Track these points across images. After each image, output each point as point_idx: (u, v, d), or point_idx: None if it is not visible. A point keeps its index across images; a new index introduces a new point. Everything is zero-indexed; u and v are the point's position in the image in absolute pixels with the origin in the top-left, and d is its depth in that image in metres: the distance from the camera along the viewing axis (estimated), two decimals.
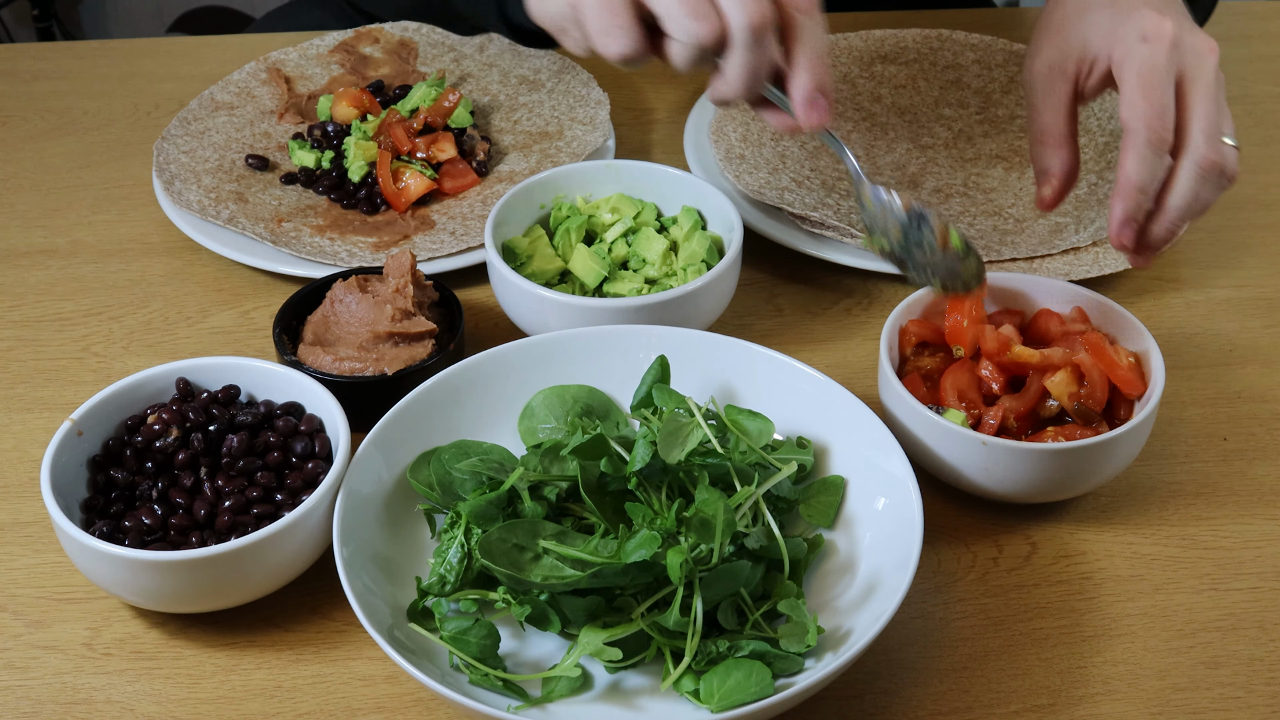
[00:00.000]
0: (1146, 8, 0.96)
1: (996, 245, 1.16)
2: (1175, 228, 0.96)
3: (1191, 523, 0.97)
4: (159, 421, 0.93)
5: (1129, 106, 0.93)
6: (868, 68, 1.40)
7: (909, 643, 0.89)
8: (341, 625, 0.90)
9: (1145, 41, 0.94)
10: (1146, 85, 0.93)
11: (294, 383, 0.97)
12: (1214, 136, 0.93)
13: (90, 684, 0.87)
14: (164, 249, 1.22)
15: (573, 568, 0.83)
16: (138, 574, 0.85)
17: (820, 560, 0.91)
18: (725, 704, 0.80)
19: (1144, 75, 0.93)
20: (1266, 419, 1.05)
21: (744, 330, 1.12)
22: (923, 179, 1.25)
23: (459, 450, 0.92)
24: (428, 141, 1.25)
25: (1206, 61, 0.95)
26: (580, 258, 1.09)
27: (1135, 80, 0.94)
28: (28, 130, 1.38)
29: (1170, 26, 0.94)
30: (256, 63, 1.40)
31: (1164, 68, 0.93)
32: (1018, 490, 0.93)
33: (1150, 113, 0.92)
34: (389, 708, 0.86)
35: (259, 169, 1.27)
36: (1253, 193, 1.27)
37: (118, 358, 1.11)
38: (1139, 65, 0.94)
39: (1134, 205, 0.94)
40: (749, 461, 0.90)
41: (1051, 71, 0.98)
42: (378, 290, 1.05)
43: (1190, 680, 0.87)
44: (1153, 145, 0.92)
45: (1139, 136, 0.92)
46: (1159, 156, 0.92)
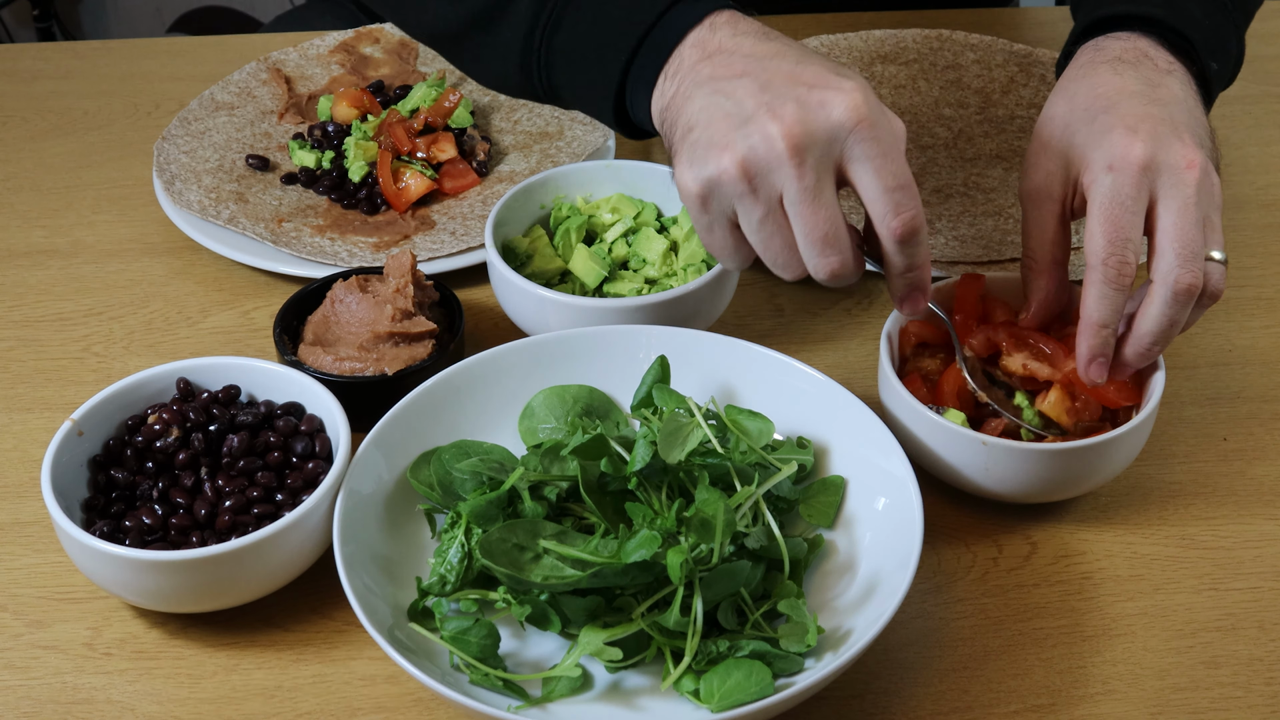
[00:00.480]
0: (1120, 127, 0.91)
1: (997, 245, 1.16)
2: (1150, 351, 0.91)
3: (1191, 523, 0.97)
4: (159, 421, 0.93)
5: (1089, 241, 0.89)
6: (868, 68, 1.40)
7: (909, 643, 0.89)
8: (341, 625, 0.90)
9: (1110, 171, 0.90)
10: (1107, 219, 0.89)
11: (294, 383, 0.97)
12: (1189, 257, 0.88)
13: (90, 684, 0.87)
14: (164, 249, 1.22)
15: (573, 568, 0.83)
16: (138, 574, 0.85)
17: (820, 560, 0.91)
18: (725, 704, 0.80)
19: (1105, 209, 0.89)
20: (1266, 419, 1.05)
21: (744, 330, 1.12)
22: (923, 179, 1.25)
23: (459, 450, 0.92)
24: (428, 142, 1.25)
25: (1184, 179, 0.89)
26: (580, 258, 1.09)
27: (1097, 214, 0.89)
28: (28, 130, 1.38)
29: (1139, 150, 0.89)
30: (257, 63, 1.40)
31: (1130, 196, 0.89)
32: (1018, 490, 0.93)
33: (1107, 249, 0.88)
34: (389, 708, 0.86)
35: (259, 169, 1.27)
36: (1252, 193, 1.27)
37: (118, 358, 1.11)
38: (1101, 198, 0.89)
39: (1099, 343, 0.90)
40: (749, 461, 0.90)
41: (1039, 194, 0.94)
42: (378, 290, 1.05)
43: (1190, 680, 0.87)
44: (1110, 282, 0.88)
45: (1096, 273, 0.89)
46: (1119, 292, 0.88)
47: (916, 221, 0.86)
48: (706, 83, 0.88)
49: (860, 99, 0.84)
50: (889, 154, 0.84)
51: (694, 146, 0.88)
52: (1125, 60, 0.97)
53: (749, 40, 0.89)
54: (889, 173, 0.84)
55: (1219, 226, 0.92)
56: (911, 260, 0.88)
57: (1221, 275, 0.91)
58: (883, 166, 0.84)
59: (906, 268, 0.88)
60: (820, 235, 0.86)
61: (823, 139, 0.84)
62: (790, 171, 0.84)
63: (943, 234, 1.18)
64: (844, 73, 0.87)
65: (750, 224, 0.88)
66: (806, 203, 0.85)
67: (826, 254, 0.86)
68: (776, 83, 0.86)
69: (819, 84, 0.85)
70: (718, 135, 0.86)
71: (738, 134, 0.85)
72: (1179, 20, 0.98)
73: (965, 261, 1.14)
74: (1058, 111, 0.96)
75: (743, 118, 0.85)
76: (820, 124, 0.84)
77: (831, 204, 0.86)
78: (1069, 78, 0.98)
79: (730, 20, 0.91)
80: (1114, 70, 0.96)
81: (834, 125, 0.84)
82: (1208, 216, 0.91)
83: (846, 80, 0.85)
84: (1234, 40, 1.04)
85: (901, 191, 0.85)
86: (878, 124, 0.84)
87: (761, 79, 0.86)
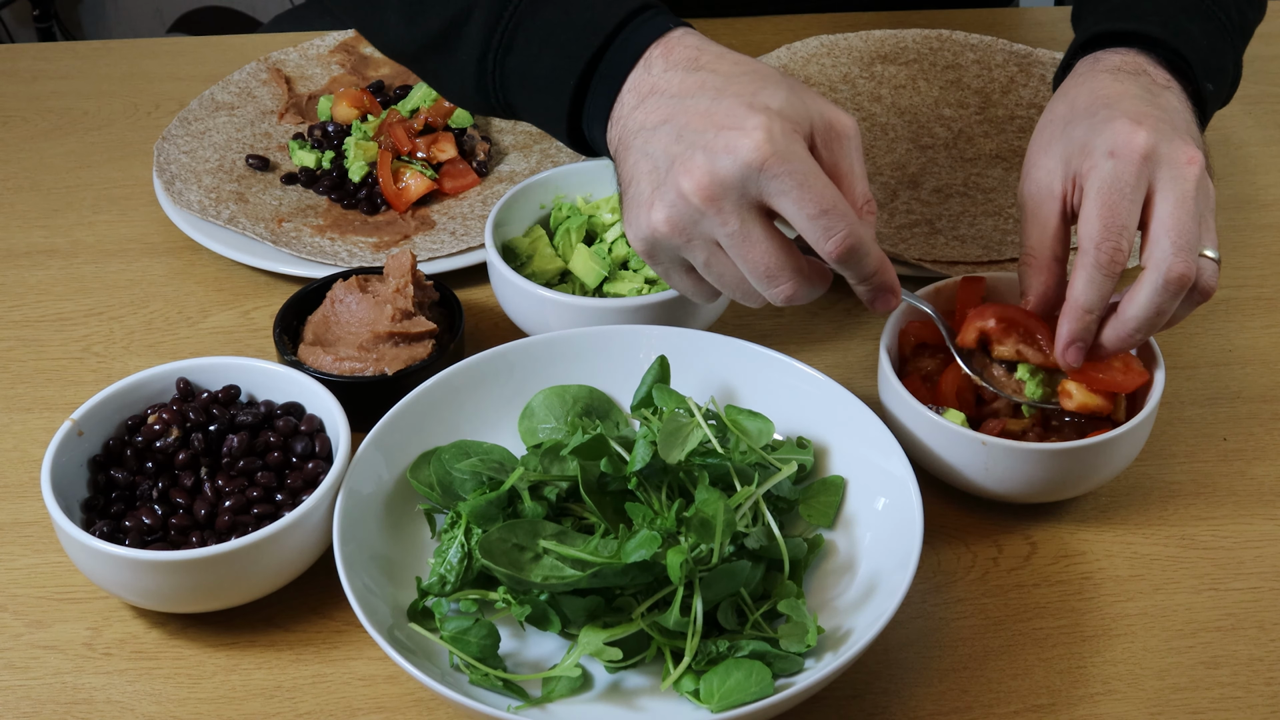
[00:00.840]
0: (1123, 117, 0.91)
1: (997, 245, 1.16)
2: (1130, 338, 0.91)
3: (1191, 523, 0.97)
4: (159, 421, 0.93)
5: (1084, 225, 0.90)
6: (868, 68, 1.40)
7: (909, 643, 0.89)
8: (341, 625, 0.90)
9: (1112, 157, 0.90)
10: (1104, 204, 0.89)
11: (294, 383, 0.97)
12: (1184, 248, 0.88)
13: (90, 684, 0.87)
14: (164, 249, 1.22)
15: (573, 568, 0.83)
16: (138, 574, 0.85)
17: (820, 560, 0.91)
18: (725, 704, 0.80)
19: (1103, 193, 0.89)
20: (1266, 419, 1.05)
21: (744, 330, 1.12)
22: (923, 179, 1.25)
23: (459, 450, 0.92)
24: (428, 142, 1.25)
25: (1184, 173, 0.89)
26: (580, 258, 1.09)
27: (1094, 198, 0.89)
28: (28, 130, 1.38)
29: (1143, 138, 0.89)
30: (257, 63, 1.40)
31: (1130, 184, 0.89)
32: (1018, 490, 0.93)
33: (1102, 234, 0.88)
34: (389, 708, 0.86)
35: (259, 169, 1.27)
36: (1253, 193, 1.27)
37: (118, 358, 1.11)
38: (1100, 183, 0.89)
39: (1080, 327, 0.90)
40: (749, 461, 0.90)
41: (1039, 193, 0.94)
42: (378, 290, 1.05)
43: (1190, 680, 0.87)
44: (1101, 267, 0.88)
45: (1088, 257, 0.89)
46: (1108, 278, 0.88)
47: (849, 241, 0.85)
48: (636, 135, 0.89)
49: (762, 137, 0.83)
50: (804, 183, 0.84)
51: (630, 205, 0.89)
52: (1124, 70, 0.97)
53: (677, 76, 0.89)
54: (809, 201, 0.84)
55: (1214, 228, 0.92)
56: (861, 272, 0.88)
57: (1214, 273, 0.91)
58: (801, 197, 0.84)
59: (860, 279, 0.89)
60: (762, 271, 0.86)
61: (734, 184, 0.84)
62: (714, 220, 0.85)
63: (943, 234, 1.18)
64: (758, 101, 0.85)
65: (700, 266, 0.89)
66: (737, 246, 0.86)
67: (775, 285, 0.87)
68: (690, 128, 0.86)
69: (727, 124, 0.84)
70: (644, 194, 0.87)
71: (659, 191, 0.86)
72: (1178, 40, 0.99)
73: (965, 261, 1.14)
74: (1058, 113, 0.96)
75: (661, 173, 0.86)
76: (727, 170, 0.84)
77: (763, 239, 0.85)
78: (1069, 84, 0.98)
79: (665, 52, 0.90)
80: (1114, 78, 0.96)
81: (741, 168, 0.83)
82: (1203, 216, 0.91)
83: (754, 115, 0.84)
84: (1231, 62, 1.04)
85: (826, 216, 0.84)
86: (786, 155, 0.83)
87: (678, 124, 0.86)
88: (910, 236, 1.17)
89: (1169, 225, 0.89)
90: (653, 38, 0.90)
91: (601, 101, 0.92)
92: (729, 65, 0.88)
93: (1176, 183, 0.89)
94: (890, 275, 0.89)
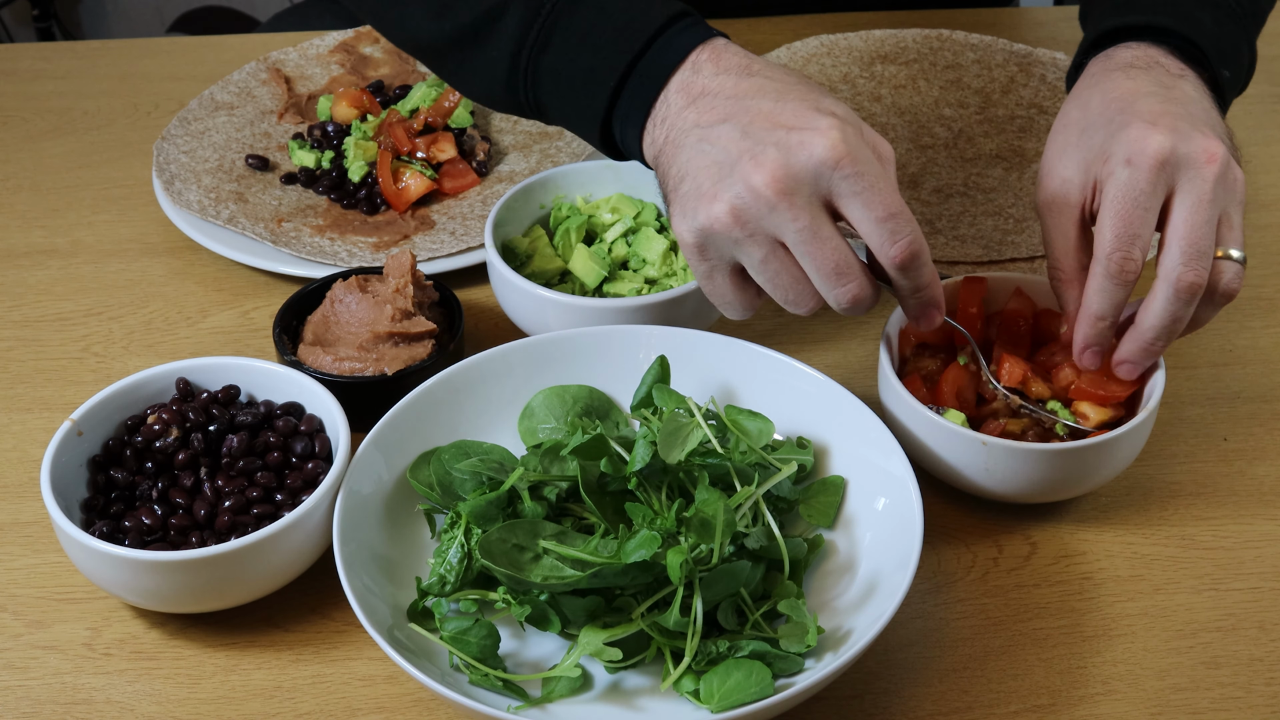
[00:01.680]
0: (1139, 121, 0.91)
1: (997, 245, 1.16)
2: (1152, 346, 0.91)
3: (1191, 523, 0.97)
4: (159, 421, 0.93)
5: (1098, 234, 0.90)
6: (868, 68, 1.40)
7: (909, 643, 0.89)
8: (341, 625, 0.90)
9: (1128, 165, 0.89)
10: (1117, 213, 0.89)
11: (294, 383, 0.97)
12: (1194, 255, 0.88)
13: (90, 684, 0.87)
14: (164, 249, 1.22)
15: (573, 568, 0.83)
16: (138, 574, 0.85)
17: (820, 560, 0.91)
18: (725, 704, 0.80)
19: (1118, 202, 0.89)
20: (1266, 419, 1.05)
21: (744, 330, 1.12)
22: (923, 179, 1.25)
23: (459, 450, 0.92)
24: (428, 141, 1.25)
25: (1203, 173, 0.88)
26: (580, 258, 1.09)
27: (1109, 207, 0.89)
28: (28, 130, 1.38)
29: (1158, 141, 0.89)
30: (256, 63, 1.40)
31: (1145, 191, 0.89)
32: (1018, 490, 0.93)
33: (1113, 243, 0.88)
34: (389, 708, 0.86)
35: (259, 169, 1.27)
36: (1253, 193, 1.27)
37: (118, 358, 1.11)
38: (1115, 191, 0.89)
39: (1094, 333, 0.91)
40: (749, 461, 0.90)
41: (1056, 202, 0.94)
42: (378, 290, 1.05)
43: (1190, 680, 0.87)
44: (1112, 276, 0.88)
45: (1099, 266, 0.89)
46: (1119, 286, 0.89)
47: (915, 246, 0.86)
48: (692, 130, 0.89)
49: (838, 136, 0.84)
50: (875, 185, 0.85)
51: (685, 198, 0.88)
52: (1137, 66, 0.96)
53: (731, 79, 0.89)
54: (878, 204, 0.85)
55: (1238, 224, 0.91)
56: (917, 281, 0.88)
57: (1236, 274, 0.91)
58: (871, 199, 0.85)
59: (914, 289, 0.89)
60: (832, 267, 0.86)
61: (808, 179, 0.85)
62: (785, 214, 0.85)
63: (943, 234, 1.18)
64: (824, 106, 0.87)
65: (753, 265, 0.88)
66: (808, 241, 0.86)
67: (842, 283, 0.87)
68: (757, 126, 0.86)
69: (798, 124, 0.85)
70: (706, 185, 0.87)
71: (724, 183, 0.86)
72: (1189, 29, 0.98)
73: (965, 261, 1.14)
74: (1072, 119, 0.96)
75: (728, 166, 0.86)
76: (802, 165, 0.84)
77: (834, 235, 0.86)
78: (1082, 86, 0.98)
79: (713, 57, 0.91)
80: (1127, 75, 0.96)
81: (816, 165, 0.84)
82: (1226, 213, 0.90)
83: (823, 117, 0.85)
84: (1245, 47, 1.04)
85: (894, 220, 0.85)
86: (859, 158, 0.84)
87: (743, 123, 0.87)
88: None
89: (1181, 233, 0.88)
90: (696, 43, 0.91)
91: (638, 103, 0.92)
92: (781, 73, 0.90)
93: (1194, 185, 0.89)
94: (940, 291, 0.90)
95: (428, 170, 1.23)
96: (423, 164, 1.24)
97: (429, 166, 1.24)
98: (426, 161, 1.24)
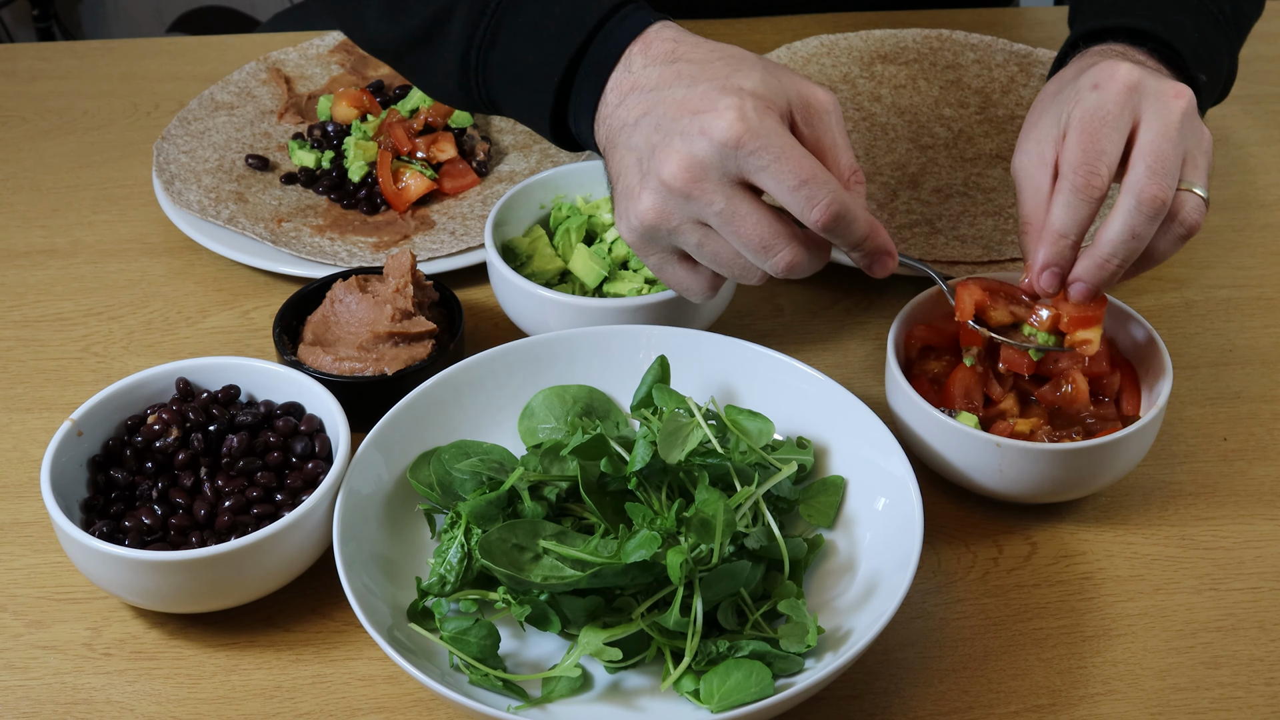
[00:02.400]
0: (1110, 60, 0.92)
1: (997, 245, 1.16)
2: (1107, 264, 0.90)
3: (1191, 523, 0.97)
4: (159, 421, 0.93)
5: (1065, 153, 0.90)
6: (868, 68, 1.40)
7: (909, 643, 0.89)
8: (341, 625, 0.90)
9: (1096, 89, 0.90)
10: (1084, 130, 0.89)
11: (294, 383, 0.97)
12: (1160, 173, 0.88)
13: (90, 684, 0.87)
14: (164, 249, 1.22)
15: (573, 568, 0.83)
16: (138, 574, 0.85)
17: (820, 560, 0.91)
18: (725, 704, 0.80)
19: (1084, 121, 0.89)
20: (1266, 419, 1.05)
21: (744, 330, 1.12)
22: (923, 179, 1.25)
23: (459, 450, 0.92)
24: (428, 141, 1.25)
25: (1170, 105, 0.89)
26: (580, 258, 1.09)
27: (1076, 127, 0.89)
28: (28, 130, 1.38)
29: (1127, 71, 0.90)
30: (256, 63, 1.40)
31: (1113, 113, 0.89)
32: (1029, 490, 0.93)
33: (1080, 158, 0.88)
34: (389, 708, 0.86)
35: (259, 169, 1.27)
36: (1253, 193, 1.27)
37: (118, 358, 1.11)
38: (1082, 113, 0.90)
39: (1055, 252, 0.90)
40: (749, 461, 0.90)
41: (1031, 162, 0.94)
42: (378, 290, 1.05)
43: (1190, 680, 0.87)
44: (1078, 190, 0.88)
45: (1065, 182, 0.89)
46: (1084, 203, 0.88)
47: (834, 207, 0.86)
48: (622, 130, 0.90)
49: (735, 116, 0.84)
50: (781, 156, 0.85)
51: (620, 199, 0.91)
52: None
53: (655, 71, 0.90)
54: (788, 173, 0.85)
55: (1204, 168, 0.91)
56: (849, 238, 0.88)
57: (1197, 206, 0.90)
58: (780, 170, 0.85)
59: (852, 245, 0.89)
60: (756, 243, 0.87)
61: (714, 163, 0.85)
62: (699, 202, 0.86)
63: (943, 234, 1.18)
64: (732, 84, 0.86)
65: (693, 250, 0.90)
66: (728, 223, 0.87)
67: (771, 254, 0.88)
68: (668, 117, 0.87)
69: (702, 109, 0.86)
70: (633, 184, 0.89)
71: (644, 180, 0.88)
72: (1168, 32, 0.99)
73: (965, 261, 1.14)
74: (1048, 91, 0.97)
75: (645, 162, 0.88)
76: (704, 151, 0.85)
77: (751, 212, 0.86)
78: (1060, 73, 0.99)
79: (643, 48, 0.91)
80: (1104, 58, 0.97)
81: (718, 148, 0.85)
82: (1191, 154, 0.90)
83: (726, 97, 0.85)
84: (1225, 55, 1.04)
85: (807, 186, 0.85)
86: (760, 132, 0.84)
87: (657, 115, 0.88)
88: (910, 236, 1.17)
89: (1146, 151, 0.88)
90: (633, 34, 0.92)
91: (587, 98, 0.93)
92: (704, 53, 0.90)
93: (1161, 114, 0.89)
94: (883, 239, 0.90)
95: (428, 170, 1.23)
96: (423, 164, 1.24)
97: (429, 166, 1.24)
98: (426, 161, 1.24)
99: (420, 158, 1.24)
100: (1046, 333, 0.94)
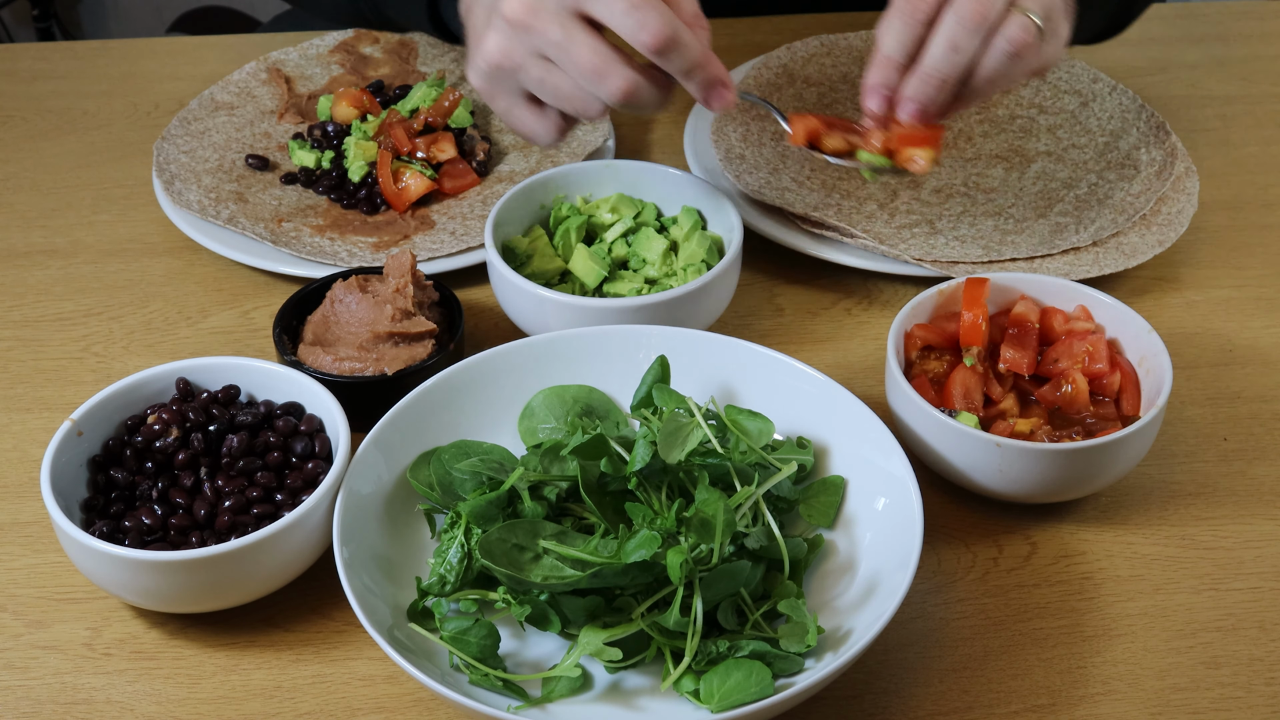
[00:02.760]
0: None
1: (997, 245, 1.16)
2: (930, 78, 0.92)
3: (1191, 523, 0.97)
4: (159, 421, 0.93)
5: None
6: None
7: (909, 643, 0.89)
8: (341, 625, 0.90)
9: None
10: None
11: (294, 383, 0.97)
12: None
13: (90, 684, 0.87)
14: (164, 249, 1.22)
15: (573, 568, 0.83)
16: (138, 574, 0.85)
17: (820, 560, 0.91)
18: (725, 704, 0.80)
19: None
20: (1266, 419, 1.05)
21: (744, 330, 1.12)
22: (923, 179, 1.25)
23: (459, 450, 0.92)
24: (428, 141, 1.25)
25: None
26: (580, 258, 1.09)
27: None
28: (28, 130, 1.38)
29: None
30: (256, 63, 1.40)
31: None
32: (1030, 490, 0.93)
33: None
34: (389, 708, 0.86)
35: (259, 169, 1.27)
36: (1253, 193, 1.27)
37: (118, 358, 1.11)
38: None
39: (881, 74, 0.93)
40: (749, 461, 0.90)
41: None
42: (378, 290, 1.05)
43: (1190, 680, 0.87)
44: (902, 13, 0.91)
45: (893, 7, 0.92)
46: (908, 26, 0.91)
47: (665, 30, 0.88)
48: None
49: None
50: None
51: (469, 48, 0.95)
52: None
53: None
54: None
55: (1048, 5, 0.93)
56: (683, 64, 0.91)
57: (1024, 25, 0.91)
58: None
59: (685, 72, 0.91)
60: (589, 70, 0.90)
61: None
62: (537, 34, 0.90)
63: (943, 234, 1.18)
64: None
65: (536, 88, 0.94)
66: (563, 51, 0.90)
67: (604, 81, 0.90)
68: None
69: None
70: (479, 29, 0.94)
71: (488, 23, 0.93)
72: None
73: (965, 261, 1.14)
74: None
75: (488, 11, 0.93)
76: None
77: (585, 41, 0.90)
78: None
79: None
80: None
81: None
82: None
83: None
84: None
85: (639, 10, 0.88)
86: None
87: None
88: (910, 236, 1.17)
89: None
90: None
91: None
92: None
93: None
94: (717, 69, 0.92)
95: (428, 170, 1.23)
96: (423, 164, 1.24)
97: (429, 166, 1.24)
98: (426, 161, 1.24)
99: (420, 158, 1.24)
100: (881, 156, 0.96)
